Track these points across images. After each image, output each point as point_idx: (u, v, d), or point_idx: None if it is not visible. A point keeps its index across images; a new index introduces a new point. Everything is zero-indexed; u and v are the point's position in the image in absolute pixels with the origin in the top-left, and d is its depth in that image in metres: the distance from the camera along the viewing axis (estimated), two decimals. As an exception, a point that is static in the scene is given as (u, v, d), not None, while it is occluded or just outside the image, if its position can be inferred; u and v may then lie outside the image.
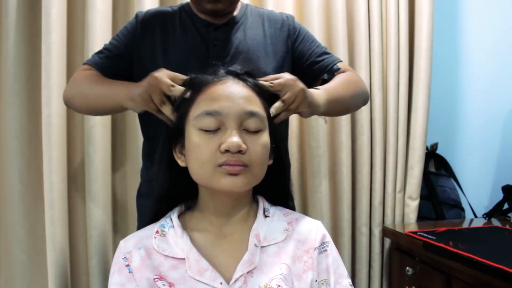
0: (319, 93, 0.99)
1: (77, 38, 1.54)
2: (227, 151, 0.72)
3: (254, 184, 0.79)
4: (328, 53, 1.22)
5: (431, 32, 1.77)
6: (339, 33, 1.69)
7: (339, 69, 1.18)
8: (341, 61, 1.22)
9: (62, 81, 1.47)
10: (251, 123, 0.75)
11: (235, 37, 1.15)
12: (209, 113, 0.74)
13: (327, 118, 1.68)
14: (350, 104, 1.15)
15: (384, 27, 1.77)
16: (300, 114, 0.93)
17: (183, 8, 1.19)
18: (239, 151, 0.73)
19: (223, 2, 1.11)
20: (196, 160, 0.76)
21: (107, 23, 1.51)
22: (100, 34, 1.47)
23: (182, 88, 0.83)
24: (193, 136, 0.76)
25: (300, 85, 0.89)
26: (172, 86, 0.83)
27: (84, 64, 1.17)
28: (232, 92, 0.76)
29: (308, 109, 0.93)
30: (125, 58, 1.15)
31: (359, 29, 1.73)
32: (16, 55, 1.47)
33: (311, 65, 1.19)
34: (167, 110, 0.84)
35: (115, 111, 1.14)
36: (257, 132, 0.76)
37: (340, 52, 1.68)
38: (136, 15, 1.19)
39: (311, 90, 0.96)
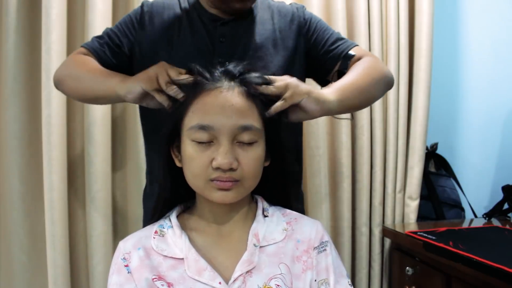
0: (328, 90, 0.93)
1: (77, 38, 1.54)
2: (218, 168, 0.73)
3: (246, 194, 0.79)
4: (342, 39, 1.15)
5: (431, 32, 1.76)
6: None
7: (353, 55, 1.10)
8: (356, 45, 1.14)
9: (62, 81, 1.47)
10: (245, 136, 0.75)
11: (243, 33, 1.10)
12: (202, 127, 0.74)
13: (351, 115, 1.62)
14: (370, 93, 1.05)
15: (384, 27, 1.77)
16: (305, 108, 0.86)
17: (191, 2, 1.14)
18: (231, 169, 0.73)
19: (251, 0, 1.07)
20: (189, 171, 0.76)
21: (107, 23, 1.51)
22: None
23: (187, 76, 0.81)
24: (187, 146, 0.76)
25: (303, 85, 0.86)
26: (181, 73, 0.83)
27: (82, 46, 1.12)
28: (225, 104, 0.74)
29: (317, 106, 0.87)
30: (125, 50, 1.11)
31: (359, 29, 1.73)
32: (16, 55, 1.47)
33: (325, 54, 1.13)
34: (171, 90, 0.81)
35: (105, 99, 1.03)
36: (251, 143, 0.76)
37: (340, 52, 1.68)
38: (142, 5, 1.14)
39: (320, 89, 0.91)
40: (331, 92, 0.92)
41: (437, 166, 1.92)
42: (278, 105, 0.81)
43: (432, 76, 1.78)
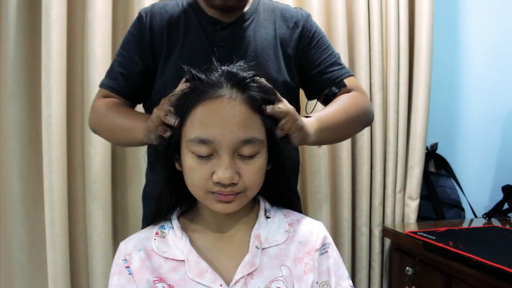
0: (311, 122, 0.94)
1: (77, 38, 1.54)
2: (219, 182, 0.71)
3: (248, 201, 0.78)
4: (339, 64, 1.16)
5: (431, 32, 1.76)
6: (339, 33, 1.69)
7: (345, 86, 1.12)
8: (351, 75, 1.16)
9: (62, 81, 1.47)
10: (246, 150, 0.72)
11: (243, 38, 1.08)
12: (201, 141, 0.71)
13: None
14: (345, 131, 1.10)
15: (384, 27, 1.77)
16: (290, 139, 0.87)
17: (189, 4, 1.12)
18: (232, 183, 0.72)
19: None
20: (190, 181, 0.76)
21: (107, 23, 1.51)
22: (100, 34, 1.47)
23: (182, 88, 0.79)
24: (187, 156, 0.74)
25: (300, 119, 0.87)
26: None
27: (100, 87, 1.13)
28: (226, 117, 0.71)
29: (300, 142, 0.89)
30: (139, 69, 1.10)
31: (359, 29, 1.73)
32: (16, 55, 1.47)
33: (319, 74, 1.14)
34: (161, 132, 0.80)
35: (137, 145, 1.04)
36: (252, 156, 0.74)
37: (340, 52, 1.67)
38: (140, 16, 1.11)
39: (303, 119, 0.91)
40: (313, 129, 0.94)
41: (437, 166, 1.92)
42: (278, 133, 0.80)
43: (432, 76, 1.78)
